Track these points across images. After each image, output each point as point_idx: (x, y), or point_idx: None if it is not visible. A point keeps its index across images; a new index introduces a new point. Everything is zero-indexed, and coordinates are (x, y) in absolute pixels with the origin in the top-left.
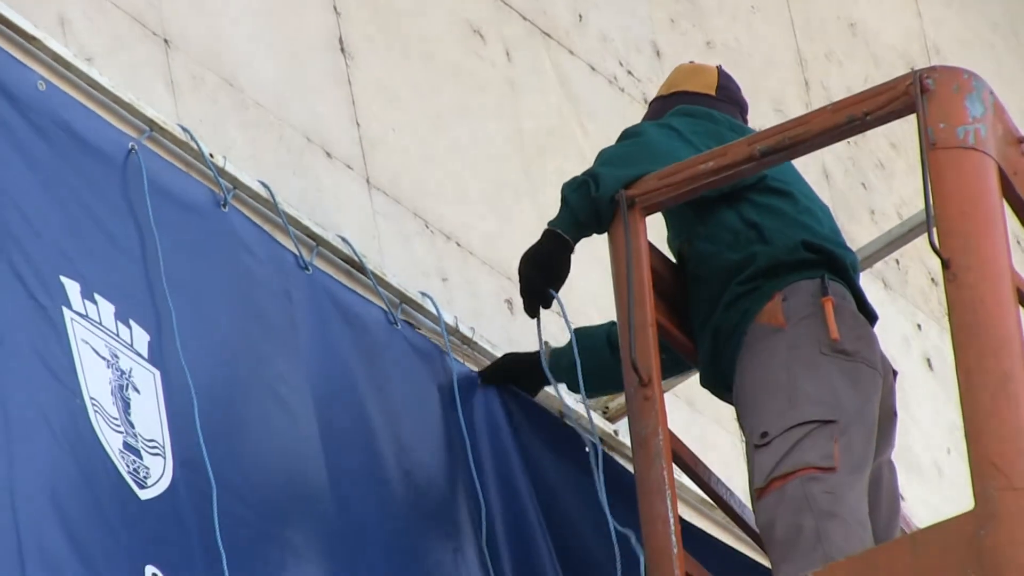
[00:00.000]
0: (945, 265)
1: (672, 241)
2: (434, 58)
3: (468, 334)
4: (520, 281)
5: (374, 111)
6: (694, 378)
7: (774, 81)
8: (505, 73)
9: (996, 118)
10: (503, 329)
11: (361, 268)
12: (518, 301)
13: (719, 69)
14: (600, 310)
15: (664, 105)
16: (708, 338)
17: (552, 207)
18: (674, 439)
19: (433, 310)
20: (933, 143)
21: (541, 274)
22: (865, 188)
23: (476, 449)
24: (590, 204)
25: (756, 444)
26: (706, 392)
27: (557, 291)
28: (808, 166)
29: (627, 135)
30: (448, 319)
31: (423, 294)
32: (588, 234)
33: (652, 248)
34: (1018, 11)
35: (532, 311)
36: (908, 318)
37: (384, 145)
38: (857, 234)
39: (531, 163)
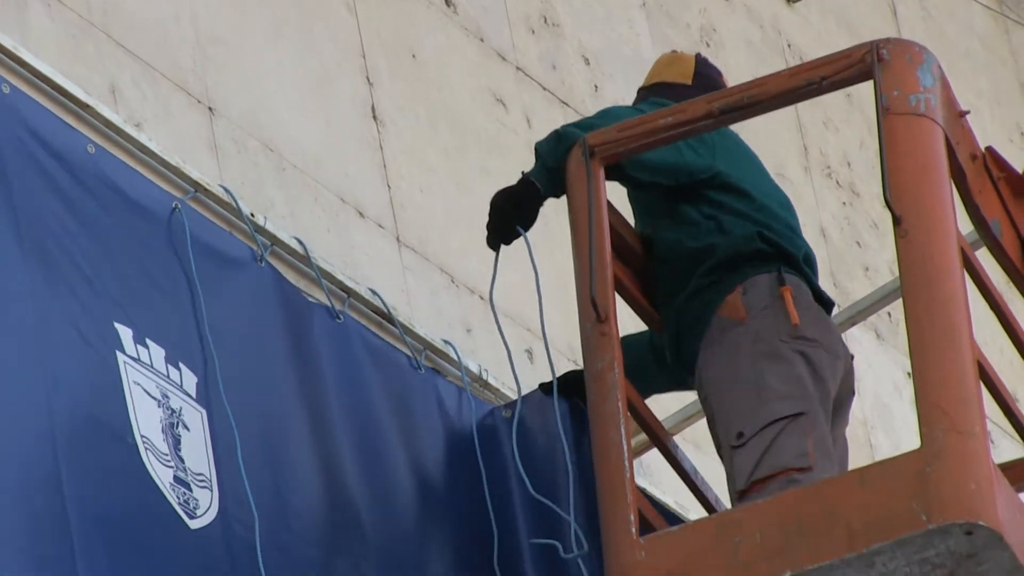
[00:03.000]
0: (897, 222)
1: (637, 227)
2: (460, 125)
3: (492, 382)
4: (490, 214)
5: (404, 174)
6: (701, 422)
7: (775, 146)
8: (526, 138)
9: (943, 90)
10: (523, 377)
11: (390, 318)
12: (537, 351)
13: (697, 56)
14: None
15: (643, 96)
16: (672, 320)
17: (568, 264)
18: (630, 389)
19: (455, 356)
20: (887, 108)
21: (514, 212)
22: (860, 246)
23: (491, 481)
24: (557, 150)
25: (733, 445)
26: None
27: (525, 231)
28: (806, 225)
29: (599, 112)
30: (472, 367)
31: (446, 342)
32: (557, 184)
33: (618, 214)
34: (1002, 82)
35: (495, 244)
36: (899, 367)
37: (413, 205)
38: (852, 289)
39: (549, 221)
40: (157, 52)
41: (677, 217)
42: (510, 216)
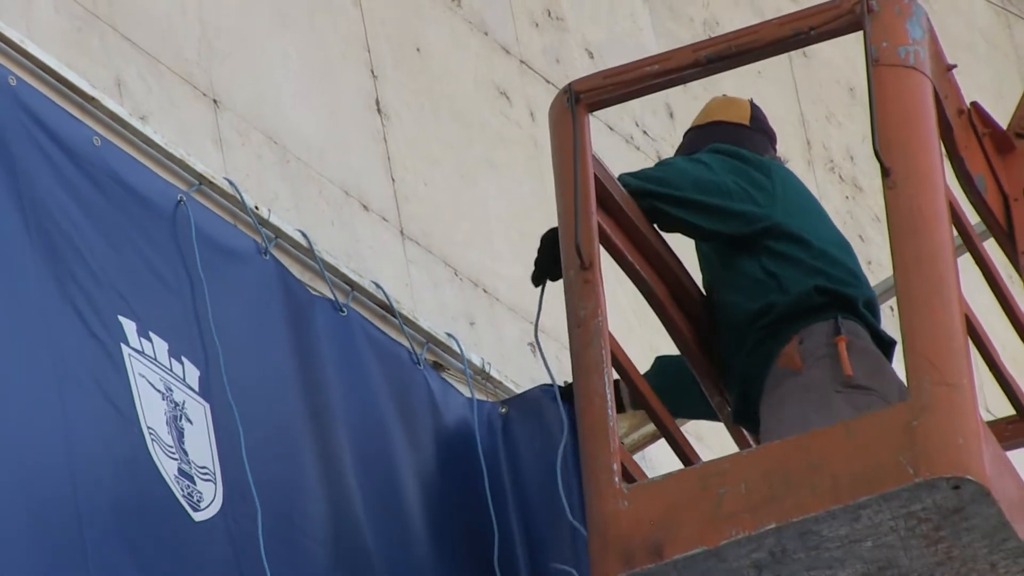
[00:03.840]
0: (885, 173)
1: (703, 282)
2: (463, 118)
3: (495, 375)
4: (540, 249)
5: (408, 167)
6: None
7: (779, 140)
8: (529, 132)
9: (932, 43)
10: (526, 370)
11: (393, 312)
12: (543, 344)
13: (751, 102)
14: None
15: (699, 134)
16: (737, 382)
17: None
18: (615, 344)
19: (458, 350)
20: (876, 59)
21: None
22: (863, 240)
23: (492, 476)
24: None
25: None
26: (712, 426)
27: None
28: None
29: (659, 163)
30: (475, 360)
31: (449, 335)
32: None
33: (602, 165)
34: (1004, 75)
35: (539, 280)
36: (900, 360)
37: (417, 198)
38: None
39: (553, 215)
40: (162, 45)
41: (736, 273)
42: (558, 255)
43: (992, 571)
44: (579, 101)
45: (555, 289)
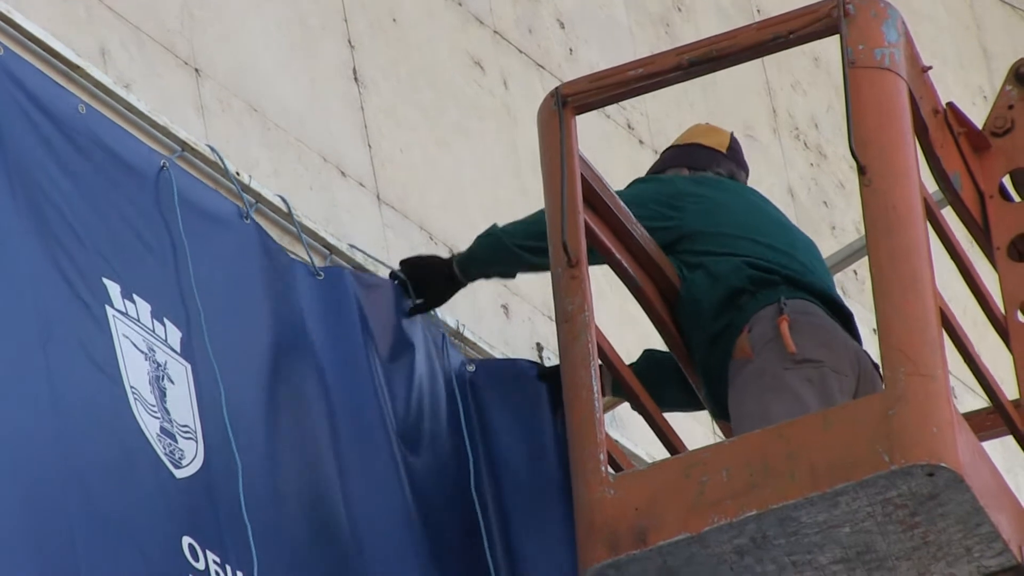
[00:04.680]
0: (861, 171)
1: None
2: (438, 87)
3: (469, 336)
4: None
5: (384, 134)
6: None
7: (745, 108)
8: (503, 100)
9: (907, 46)
10: (499, 332)
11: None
12: (513, 305)
13: (731, 134)
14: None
15: (676, 153)
16: (702, 377)
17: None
18: (601, 337)
19: (434, 312)
20: (852, 62)
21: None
22: (827, 206)
23: (468, 422)
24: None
25: None
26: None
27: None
28: (773, 187)
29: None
30: (450, 321)
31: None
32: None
33: (588, 164)
34: (965, 47)
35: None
36: (866, 324)
37: (393, 164)
38: (819, 248)
39: (525, 181)
40: (145, 15)
41: (680, 278)
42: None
43: (967, 555)
44: (566, 104)
45: None
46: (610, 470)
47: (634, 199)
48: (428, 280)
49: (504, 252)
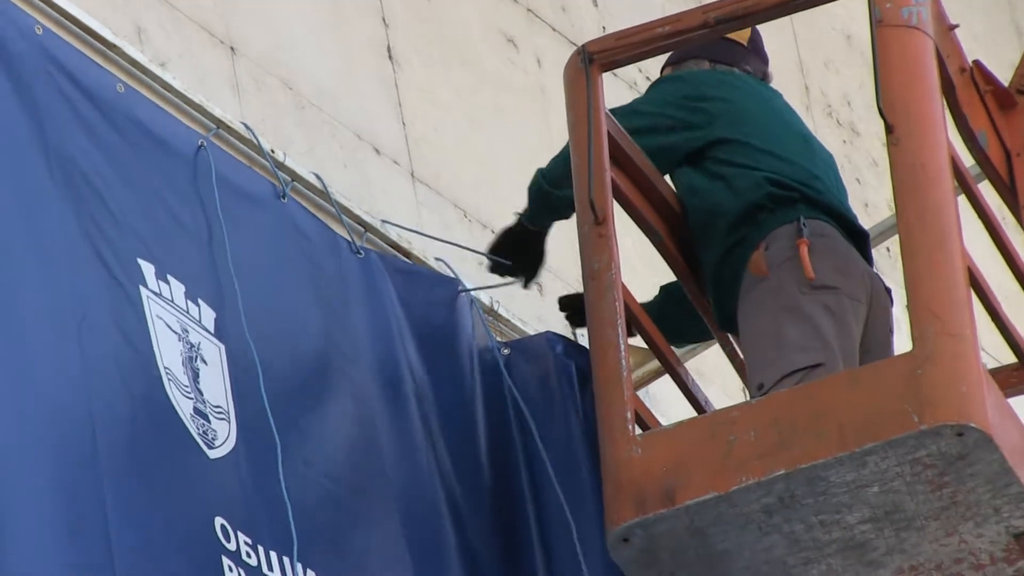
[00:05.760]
0: (889, 130)
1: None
2: (472, 65)
3: (503, 314)
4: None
5: (418, 112)
6: (705, 352)
7: (778, 86)
8: (536, 79)
9: (934, 4)
10: (533, 309)
11: (407, 253)
12: (547, 283)
13: (753, 26)
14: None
15: (701, 45)
16: (711, 284)
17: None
18: (628, 295)
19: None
20: (880, 20)
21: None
22: (859, 183)
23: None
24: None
25: (754, 396)
26: (714, 363)
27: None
28: None
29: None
30: (484, 300)
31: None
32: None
33: (615, 123)
34: (997, 24)
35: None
36: (899, 301)
37: (427, 143)
38: None
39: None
40: None
41: (691, 187)
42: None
43: (995, 515)
44: (592, 61)
45: (564, 232)
46: (637, 429)
47: (654, 104)
48: (517, 251)
49: (547, 198)
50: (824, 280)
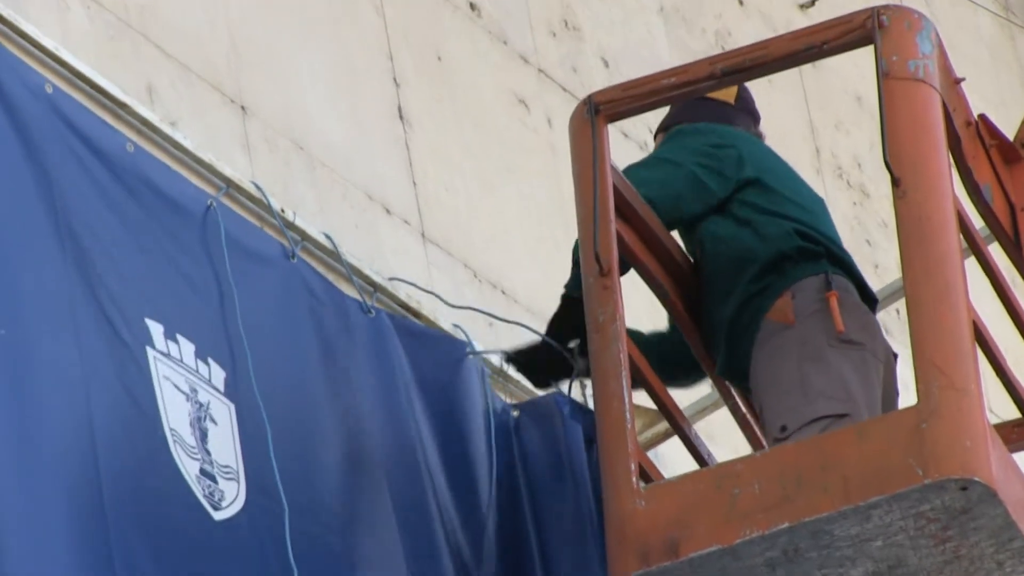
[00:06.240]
0: (895, 183)
1: (687, 248)
2: (483, 125)
3: (512, 374)
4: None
5: (429, 172)
6: (714, 414)
7: (788, 148)
8: (547, 138)
9: (941, 57)
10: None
11: (416, 313)
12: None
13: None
14: None
15: (686, 107)
16: (724, 334)
17: None
18: (632, 347)
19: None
20: (886, 72)
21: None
22: (869, 245)
23: (516, 474)
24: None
25: (776, 437)
26: (724, 426)
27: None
28: None
29: (630, 175)
30: (493, 360)
31: (456, 326)
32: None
33: (620, 175)
34: (1007, 85)
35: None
36: (908, 363)
37: (438, 203)
38: None
39: (570, 220)
40: (192, 53)
41: (716, 232)
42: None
43: (999, 569)
44: (599, 112)
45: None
46: (641, 482)
47: (682, 152)
48: (537, 367)
49: (574, 306)
50: (851, 335)
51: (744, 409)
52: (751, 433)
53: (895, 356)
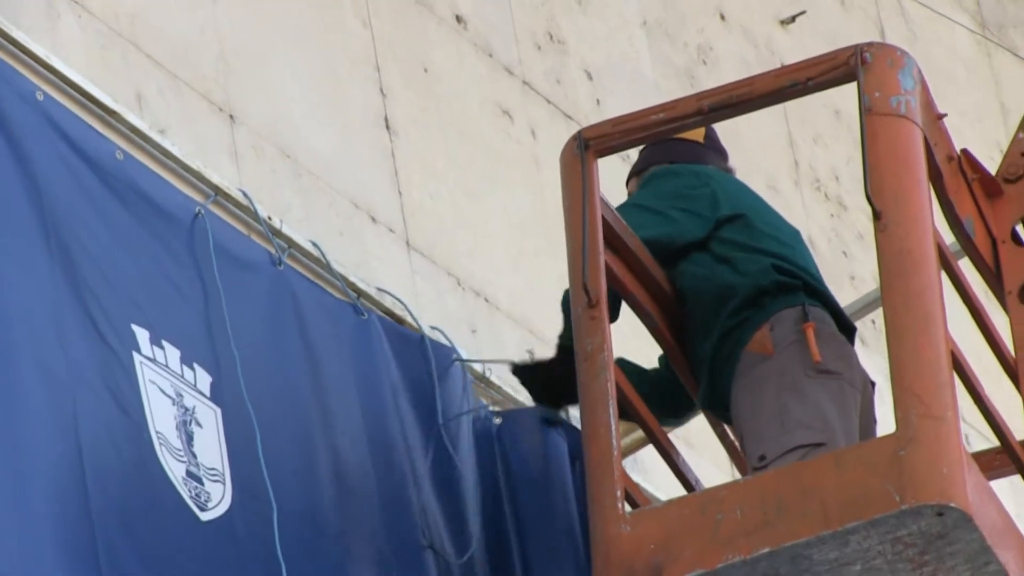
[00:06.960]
0: (876, 216)
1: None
2: (468, 136)
3: (495, 380)
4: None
5: (414, 181)
6: (692, 422)
7: (768, 161)
8: (531, 150)
9: (923, 93)
10: None
11: (400, 320)
12: (540, 351)
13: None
14: None
15: (656, 149)
16: (706, 366)
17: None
18: (620, 376)
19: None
20: (869, 109)
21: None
22: (846, 256)
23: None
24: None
25: (755, 466)
26: (703, 433)
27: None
28: None
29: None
30: (476, 366)
31: (434, 327)
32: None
33: (610, 207)
34: (983, 102)
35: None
36: (883, 374)
37: (422, 211)
38: (838, 298)
39: (552, 229)
40: (181, 62)
41: (693, 273)
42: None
43: None
44: (588, 147)
45: (551, 298)
46: (627, 507)
47: (657, 198)
48: (545, 384)
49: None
50: (828, 365)
51: (732, 436)
52: (739, 460)
53: (872, 384)
